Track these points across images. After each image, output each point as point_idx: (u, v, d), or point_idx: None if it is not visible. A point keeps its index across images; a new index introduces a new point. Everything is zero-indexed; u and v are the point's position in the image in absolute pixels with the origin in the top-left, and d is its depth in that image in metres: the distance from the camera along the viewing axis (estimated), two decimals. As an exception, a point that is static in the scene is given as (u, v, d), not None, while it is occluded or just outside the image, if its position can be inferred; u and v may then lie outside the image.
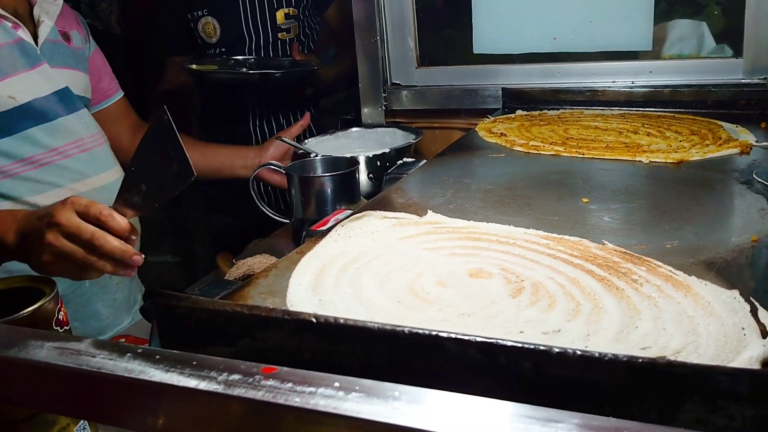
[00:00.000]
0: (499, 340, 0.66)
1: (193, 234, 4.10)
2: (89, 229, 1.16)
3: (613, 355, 0.63)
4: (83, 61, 1.74)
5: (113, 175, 1.67)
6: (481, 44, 2.15)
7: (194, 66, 2.31)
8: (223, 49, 2.39)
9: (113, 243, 1.16)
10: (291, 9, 2.40)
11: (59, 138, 1.57)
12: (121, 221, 1.17)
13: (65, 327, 0.99)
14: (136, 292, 1.80)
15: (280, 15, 2.42)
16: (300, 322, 0.74)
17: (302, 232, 1.42)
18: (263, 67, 2.37)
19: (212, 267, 1.85)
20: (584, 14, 2.01)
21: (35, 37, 1.58)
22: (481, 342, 0.67)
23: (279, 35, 2.42)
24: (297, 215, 1.65)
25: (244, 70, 2.34)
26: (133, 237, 1.20)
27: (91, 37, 1.84)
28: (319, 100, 2.62)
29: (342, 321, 0.73)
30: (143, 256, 1.20)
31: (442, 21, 2.30)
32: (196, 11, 2.35)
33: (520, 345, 0.66)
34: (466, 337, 0.68)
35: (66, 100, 1.59)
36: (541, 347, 0.65)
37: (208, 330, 0.80)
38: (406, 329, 0.70)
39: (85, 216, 1.17)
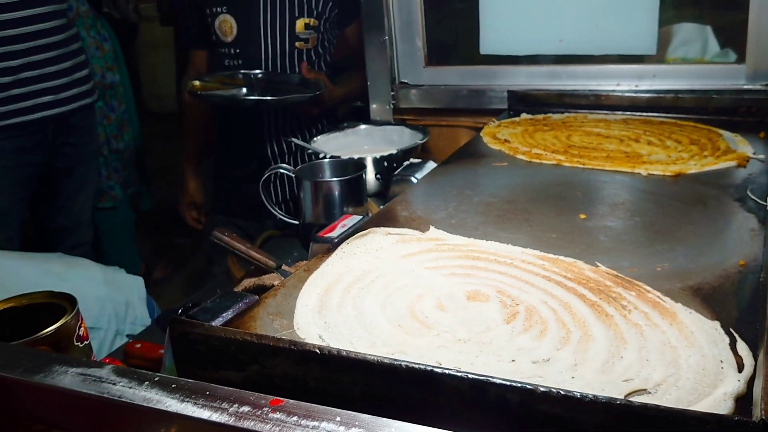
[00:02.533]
0: (489, 378, 0.72)
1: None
2: None
3: (594, 396, 0.68)
4: None
5: None
6: (487, 45, 2.18)
7: (197, 84, 2.32)
8: (238, 50, 2.36)
9: None
10: (312, 20, 2.33)
11: None
12: None
13: (85, 342, 1.05)
14: None
15: (300, 24, 2.36)
16: (305, 353, 0.80)
17: (310, 237, 1.48)
18: (271, 82, 2.35)
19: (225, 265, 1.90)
20: (590, 17, 2.03)
21: None
22: (472, 379, 0.72)
23: (297, 44, 2.37)
24: (305, 218, 1.70)
25: (244, 91, 2.33)
26: None
27: None
28: (329, 116, 2.57)
29: (344, 353, 0.78)
30: None
31: (450, 21, 2.33)
32: (215, 7, 2.35)
33: (508, 383, 0.71)
34: (459, 374, 0.73)
35: None
36: (528, 386, 0.70)
37: (221, 356, 0.86)
38: (403, 364, 0.75)
39: None
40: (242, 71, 2.37)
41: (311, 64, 2.39)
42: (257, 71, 2.37)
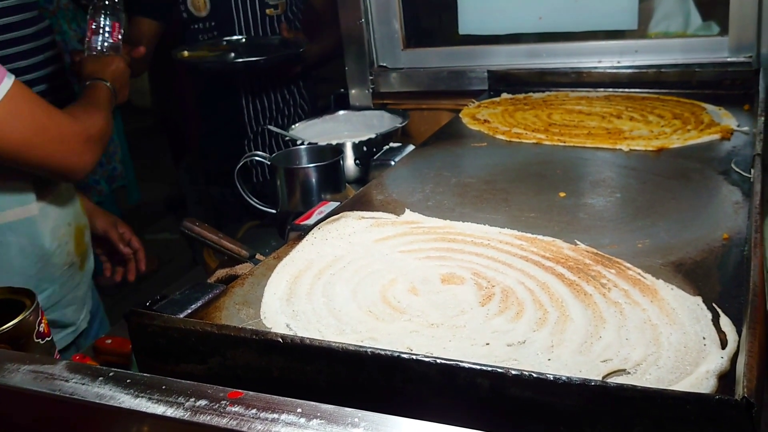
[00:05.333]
0: (457, 362, 0.68)
1: (191, 211, 4.13)
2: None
3: (567, 378, 0.64)
4: None
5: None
6: (466, 25, 2.14)
7: (186, 54, 2.32)
8: (213, 23, 2.40)
9: None
10: None
11: None
12: None
13: (47, 338, 1.01)
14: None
15: None
16: (268, 343, 0.76)
17: (287, 225, 1.44)
18: (253, 46, 2.38)
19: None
20: (570, -7, 1.99)
21: None
22: (441, 364, 0.68)
23: (267, 11, 2.43)
24: (282, 206, 1.66)
25: (232, 55, 2.33)
26: None
27: None
28: (308, 76, 2.62)
29: (308, 341, 0.75)
30: None
31: (427, 2, 2.28)
32: None
33: (477, 367, 0.67)
34: (426, 359, 0.69)
35: None
36: (498, 369, 0.67)
37: (180, 348, 0.82)
38: (368, 351, 0.72)
39: None
40: (225, 38, 2.40)
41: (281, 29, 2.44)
42: (239, 36, 2.40)
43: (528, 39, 2.10)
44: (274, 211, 1.72)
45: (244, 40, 2.41)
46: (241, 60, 2.29)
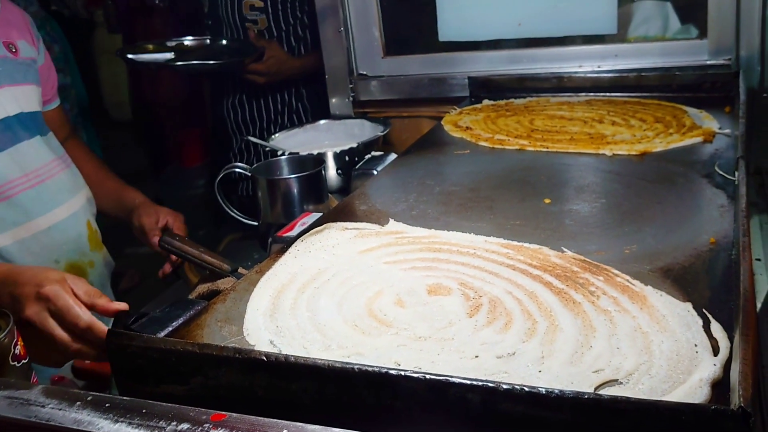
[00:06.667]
0: (447, 378, 0.66)
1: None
2: (86, 316, 1.08)
3: (560, 391, 0.63)
4: (33, 71, 1.57)
5: (66, 211, 1.51)
6: (446, 32, 2.13)
7: (128, 48, 2.33)
8: (209, 33, 2.48)
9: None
10: (257, 1, 2.37)
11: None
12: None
13: (23, 360, 0.98)
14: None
15: (246, 5, 2.41)
16: (251, 362, 0.74)
17: (269, 237, 1.42)
18: (206, 49, 2.42)
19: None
20: (549, -2, 1.99)
21: None
22: (430, 379, 0.67)
23: (246, 25, 2.41)
24: (264, 218, 1.64)
25: (172, 55, 2.33)
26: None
27: (41, 44, 1.67)
28: (309, 84, 2.56)
29: (293, 359, 0.73)
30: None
31: (406, 9, 2.27)
32: None
33: (468, 382, 0.66)
34: (415, 375, 0.67)
35: (13, 128, 1.44)
36: (489, 384, 0.65)
37: (161, 368, 0.79)
38: (355, 367, 0.70)
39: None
40: (174, 38, 2.43)
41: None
42: (188, 37, 2.43)
43: (508, 45, 2.09)
44: (255, 223, 1.70)
45: (191, 42, 2.45)
46: (181, 63, 2.31)
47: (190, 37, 2.43)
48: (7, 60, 1.49)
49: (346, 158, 1.84)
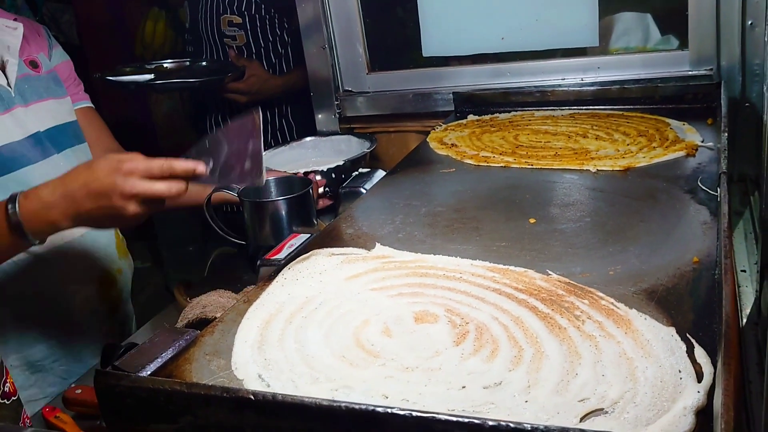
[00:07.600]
0: (434, 415, 0.67)
1: (161, 237, 4.09)
2: (158, 161, 1.14)
3: (545, 427, 0.63)
4: (56, 81, 1.58)
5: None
6: (429, 47, 2.14)
7: (108, 71, 2.34)
8: (191, 49, 2.52)
9: (183, 164, 1.15)
10: (235, 17, 2.39)
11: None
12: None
13: (12, 398, 0.98)
14: None
15: (224, 21, 2.43)
16: (239, 401, 0.74)
17: (257, 259, 1.42)
18: (186, 70, 2.45)
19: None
20: (530, 12, 2.00)
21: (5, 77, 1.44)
22: (417, 417, 0.67)
23: (225, 41, 2.43)
24: (252, 240, 1.64)
25: (152, 76, 2.35)
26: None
27: (54, 44, 1.65)
28: (296, 103, 2.57)
29: (280, 398, 0.73)
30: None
31: (390, 25, 2.28)
32: None
33: (454, 419, 0.66)
34: (402, 413, 0.68)
35: (43, 143, 1.47)
36: (475, 421, 0.66)
37: (149, 408, 0.79)
38: (342, 405, 0.70)
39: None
40: (154, 61, 2.48)
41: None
42: (168, 60, 2.47)
43: (492, 59, 2.10)
44: (244, 242, 1.70)
45: (170, 65, 2.47)
46: (158, 83, 2.33)
47: (170, 60, 2.44)
48: (31, 77, 1.51)
49: (333, 176, 1.85)
